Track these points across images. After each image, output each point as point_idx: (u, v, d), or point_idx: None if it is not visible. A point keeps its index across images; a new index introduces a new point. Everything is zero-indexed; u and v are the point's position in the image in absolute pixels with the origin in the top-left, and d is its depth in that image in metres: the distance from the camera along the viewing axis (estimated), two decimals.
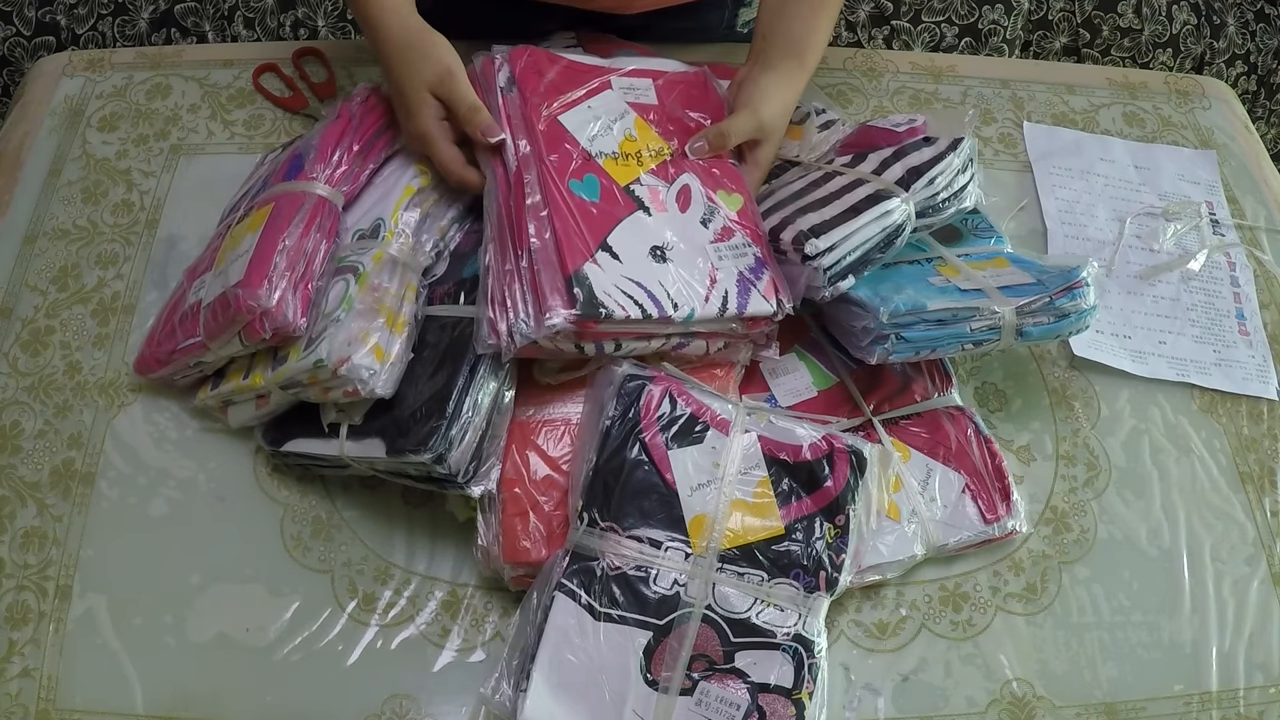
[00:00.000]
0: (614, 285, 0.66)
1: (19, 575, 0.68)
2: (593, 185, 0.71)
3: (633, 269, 0.67)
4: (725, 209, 0.73)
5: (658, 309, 0.66)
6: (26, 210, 0.85)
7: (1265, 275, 0.92)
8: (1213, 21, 1.14)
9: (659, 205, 0.72)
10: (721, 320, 0.69)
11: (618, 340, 0.68)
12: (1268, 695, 0.70)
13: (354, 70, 0.96)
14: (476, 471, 0.66)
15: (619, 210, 0.70)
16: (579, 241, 0.67)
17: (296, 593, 0.69)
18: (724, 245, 0.71)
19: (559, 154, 0.72)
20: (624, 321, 0.66)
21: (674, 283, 0.68)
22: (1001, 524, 0.72)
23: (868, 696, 0.68)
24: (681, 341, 0.70)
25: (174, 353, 0.71)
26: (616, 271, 0.67)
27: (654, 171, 0.74)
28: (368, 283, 0.68)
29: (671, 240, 0.70)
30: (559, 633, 0.62)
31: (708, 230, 0.71)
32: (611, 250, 0.68)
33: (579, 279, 0.65)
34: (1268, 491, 0.79)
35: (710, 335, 0.70)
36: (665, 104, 0.79)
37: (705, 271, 0.69)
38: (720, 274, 0.69)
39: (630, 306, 0.65)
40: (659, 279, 0.67)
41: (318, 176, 0.73)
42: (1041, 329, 0.72)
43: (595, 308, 0.64)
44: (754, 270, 0.70)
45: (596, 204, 0.70)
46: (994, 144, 0.98)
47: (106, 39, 1.29)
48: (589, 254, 0.67)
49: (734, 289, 0.69)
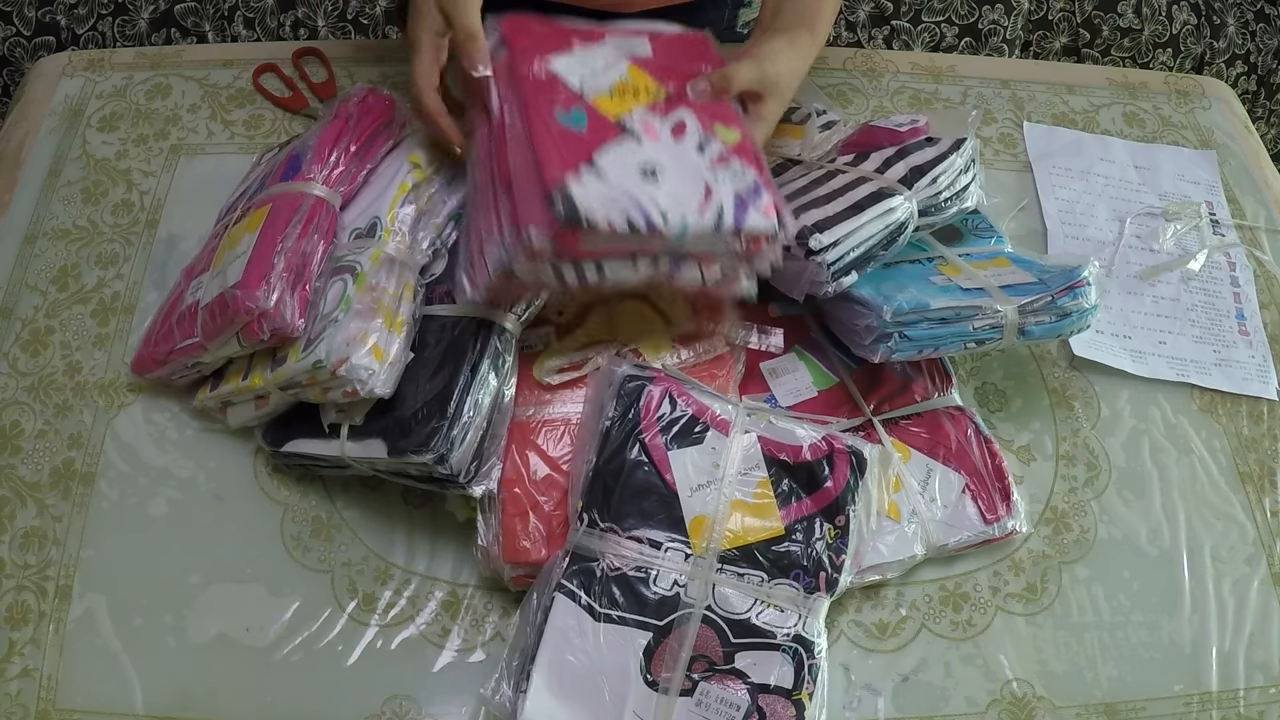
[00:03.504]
0: (598, 198, 0.60)
1: (19, 575, 0.68)
2: (580, 117, 0.65)
3: (620, 185, 0.61)
4: (722, 140, 0.67)
5: (646, 222, 0.60)
6: (26, 210, 0.85)
7: (1265, 275, 0.92)
8: (1213, 21, 1.14)
9: (651, 135, 0.65)
10: (717, 237, 0.63)
11: (600, 263, 0.63)
12: (1268, 695, 0.70)
13: (354, 70, 0.96)
14: (477, 471, 0.66)
15: (607, 135, 0.64)
16: (561, 158, 0.61)
17: (296, 593, 0.69)
18: (721, 168, 0.65)
19: (546, 93, 0.66)
20: (609, 235, 0.60)
21: (665, 198, 0.62)
22: (1001, 524, 0.72)
23: (868, 696, 0.68)
24: (673, 266, 0.64)
25: (171, 353, 0.71)
26: (602, 186, 0.61)
27: (647, 108, 0.67)
28: (365, 282, 0.68)
29: (664, 162, 0.64)
30: (559, 633, 0.62)
31: (703, 155, 0.65)
32: (597, 168, 0.62)
33: (560, 193, 0.59)
34: (1268, 491, 0.79)
35: (704, 258, 0.65)
36: (662, 57, 0.73)
37: (699, 188, 0.63)
38: (716, 190, 0.63)
39: (616, 217, 0.60)
40: (649, 194, 0.62)
41: (315, 177, 0.73)
42: (1043, 328, 0.72)
43: (577, 217, 0.59)
44: (752, 190, 0.64)
45: (583, 132, 0.64)
46: (994, 144, 0.98)
47: (106, 39, 1.29)
48: (572, 168, 0.61)
49: (730, 204, 0.63)
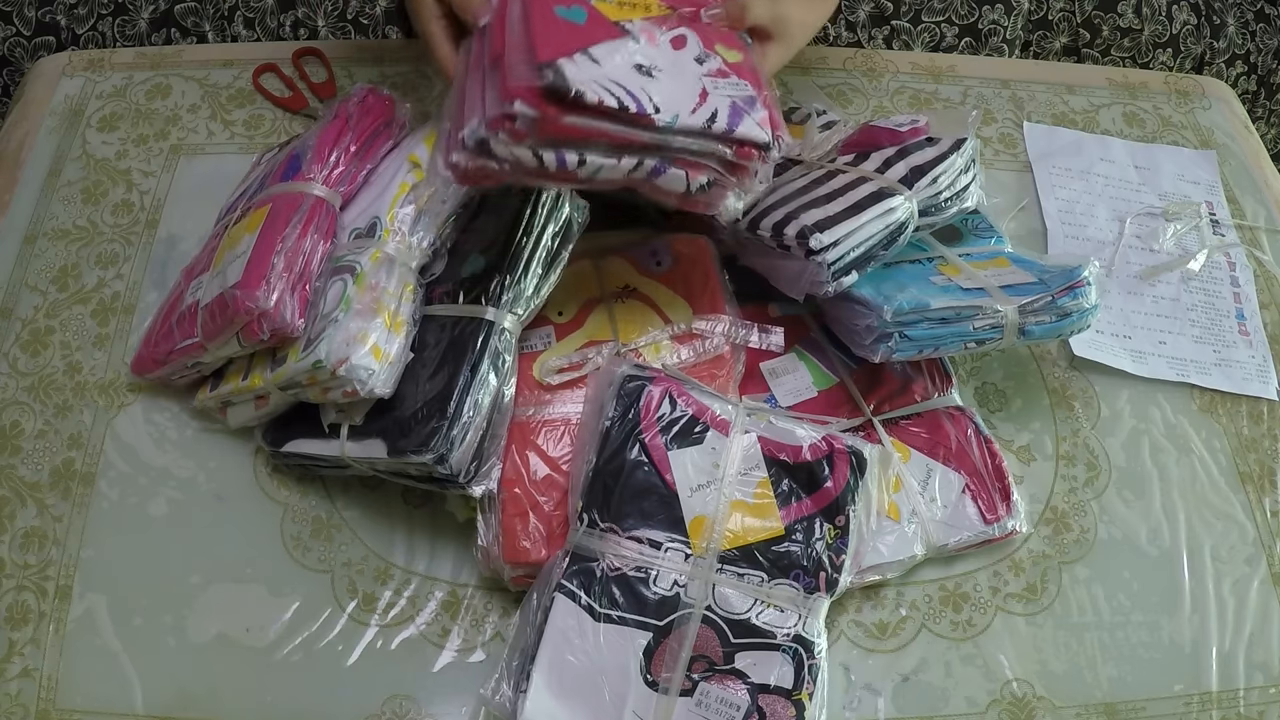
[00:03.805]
0: (590, 79, 0.58)
1: (19, 575, 0.68)
2: (579, 13, 0.63)
3: (614, 72, 0.59)
4: (723, 58, 0.65)
5: (637, 104, 0.58)
6: (26, 210, 0.85)
7: (1265, 275, 0.92)
8: (1213, 21, 1.14)
9: (651, 40, 0.63)
10: (707, 138, 0.61)
11: (582, 149, 0.60)
12: (1268, 695, 0.70)
13: (354, 70, 0.96)
14: (477, 471, 0.66)
15: (606, 33, 0.62)
16: (557, 43, 0.59)
17: (296, 593, 0.69)
18: (720, 79, 0.63)
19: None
20: (597, 112, 0.58)
21: (659, 92, 0.60)
22: (1001, 524, 0.72)
23: (868, 696, 0.68)
24: (658, 166, 0.62)
25: (171, 353, 0.71)
26: (595, 70, 0.59)
27: (649, 19, 0.65)
28: (365, 282, 0.68)
29: (661, 64, 0.62)
30: (559, 634, 0.62)
31: (702, 66, 0.64)
32: (592, 56, 0.60)
33: (551, 65, 0.57)
34: (1268, 491, 0.79)
35: (692, 165, 0.62)
36: None
37: (695, 89, 0.61)
38: (712, 95, 0.61)
39: (606, 95, 0.57)
40: (643, 85, 0.60)
41: (315, 177, 0.73)
42: (1044, 328, 0.72)
43: (565, 87, 0.56)
44: (749, 101, 0.62)
45: (581, 25, 0.62)
46: (994, 144, 0.98)
47: (106, 39, 1.28)
48: (567, 53, 0.59)
49: (725, 109, 0.61)
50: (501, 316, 0.68)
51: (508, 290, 0.69)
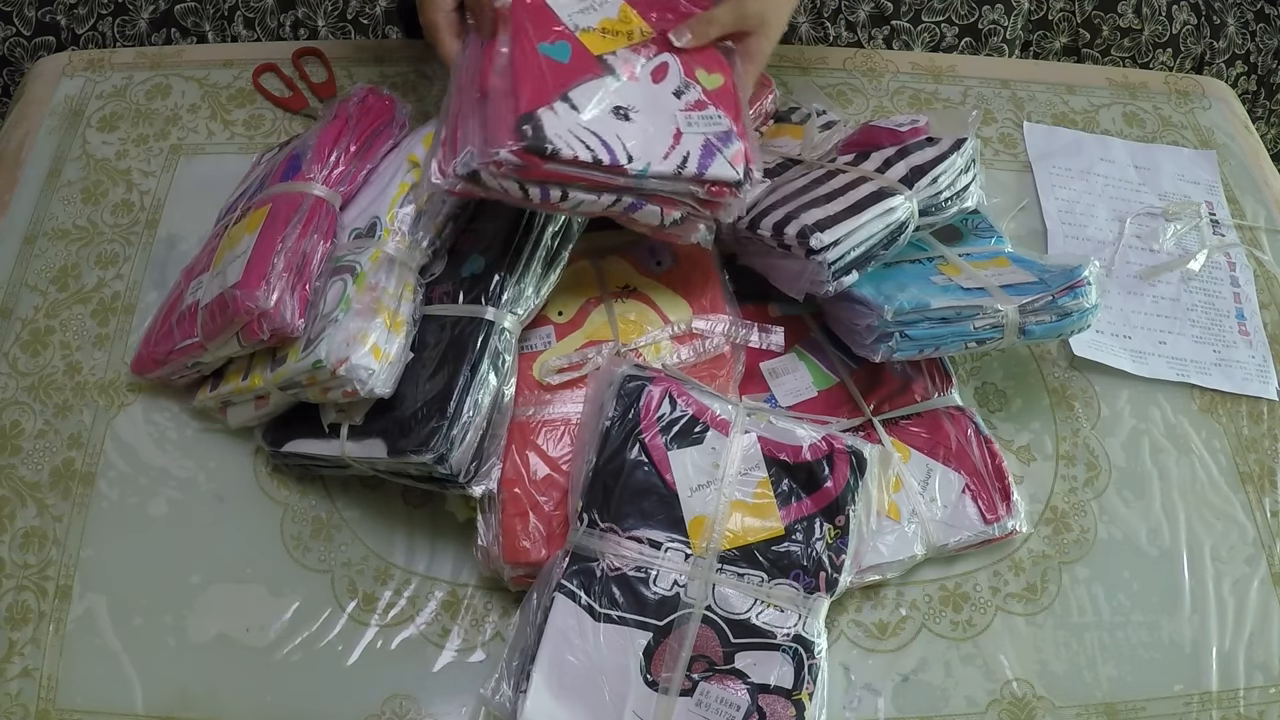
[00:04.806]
0: (567, 130, 0.62)
1: (19, 575, 0.68)
2: (564, 49, 0.67)
3: (591, 121, 0.64)
4: (703, 86, 0.68)
5: (610, 156, 0.62)
6: (26, 210, 0.85)
7: (1265, 275, 0.92)
8: (1213, 21, 1.14)
9: (630, 75, 0.67)
10: (679, 180, 0.64)
11: (564, 187, 0.64)
12: (1268, 695, 0.70)
13: (354, 70, 0.96)
14: (477, 471, 0.66)
15: (587, 71, 0.66)
16: (538, 87, 0.64)
17: (296, 593, 0.69)
18: (696, 114, 0.66)
19: (535, 23, 0.68)
20: (572, 163, 0.62)
21: (633, 138, 0.64)
22: (1001, 524, 0.72)
23: (868, 696, 0.68)
24: (634, 203, 0.65)
25: (171, 353, 0.71)
26: (573, 119, 0.63)
27: (631, 48, 0.69)
28: (365, 282, 0.68)
29: (638, 103, 0.65)
30: (559, 633, 0.62)
31: (679, 100, 0.67)
32: (571, 102, 0.64)
33: (531, 119, 0.62)
34: (1268, 491, 0.79)
35: (666, 201, 0.66)
36: None
37: (669, 132, 0.65)
38: (686, 136, 0.65)
39: (580, 150, 0.62)
40: (618, 132, 0.64)
41: (315, 177, 0.73)
42: (1044, 328, 0.72)
43: (542, 143, 0.61)
44: (723, 138, 0.65)
45: (564, 64, 0.66)
46: (994, 144, 0.98)
47: (106, 39, 1.28)
48: (547, 101, 0.63)
49: (697, 151, 0.64)
50: (501, 316, 0.68)
51: (508, 290, 0.69)
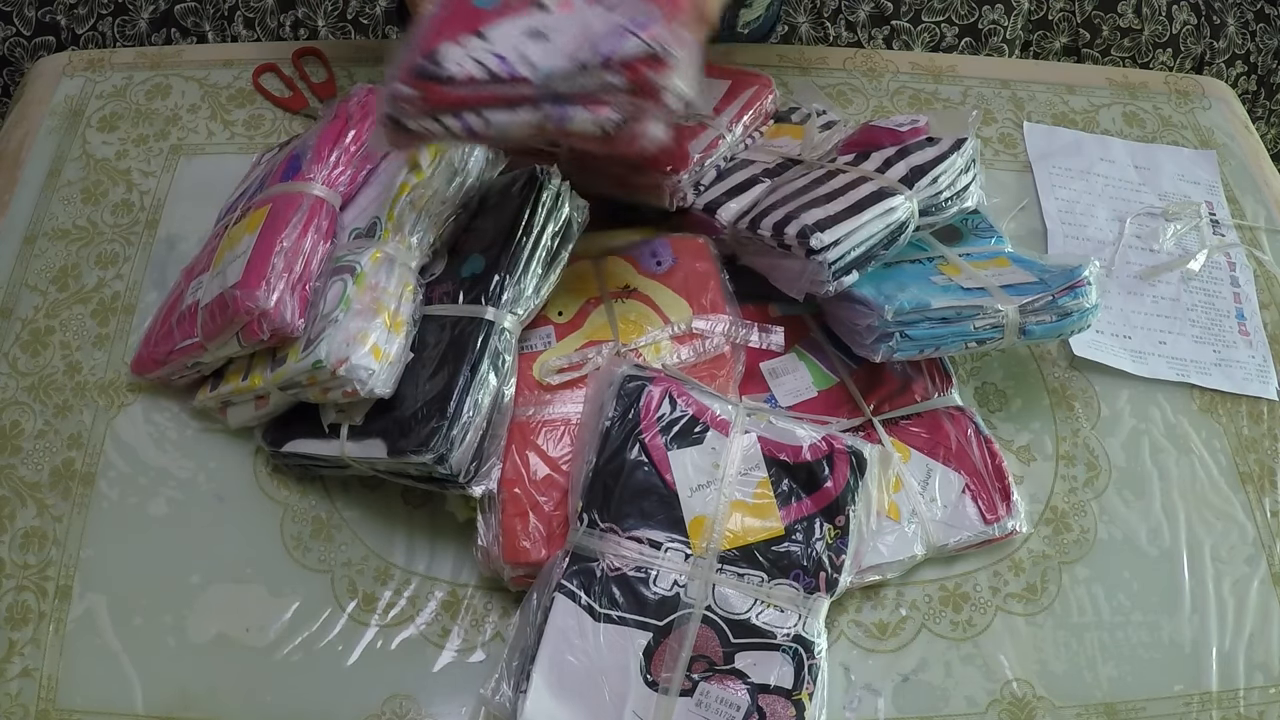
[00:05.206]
0: (466, 55, 0.61)
1: (19, 575, 0.68)
2: None
3: (494, 42, 0.62)
4: None
5: (507, 68, 0.60)
6: (26, 210, 0.85)
7: (1265, 275, 0.92)
8: (1213, 21, 1.14)
9: (565, 6, 0.63)
10: (586, 72, 0.59)
11: (478, 109, 0.61)
12: (1268, 695, 0.70)
13: (354, 70, 0.96)
14: (477, 471, 0.66)
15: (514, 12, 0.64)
16: (450, 29, 0.63)
17: (296, 593, 0.69)
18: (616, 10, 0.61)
19: None
20: (469, 83, 0.60)
21: (539, 52, 0.61)
22: (1001, 524, 0.72)
23: (868, 696, 0.68)
24: (556, 112, 0.61)
25: (171, 353, 0.71)
26: (475, 45, 0.62)
27: None
28: (365, 282, 0.68)
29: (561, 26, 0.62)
30: (559, 634, 0.62)
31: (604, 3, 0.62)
32: (482, 35, 0.62)
33: (432, 54, 0.61)
34: (1268, 491, 0.79)
35: (590, 101, 0.60)
36: None
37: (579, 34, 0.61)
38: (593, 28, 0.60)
39: (474, 68, 0.60)
40: (521, 49, 0.61)
41: (315, 177, 0.73)
42: (1044, 328, 0.72)
43: (439, 71, 0.60)
44: (639, 22, 0.59)
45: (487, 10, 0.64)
46: (994, 144, 0.98)
47: (106, 39, 1.28)
48: (453, 38, 0.62)
49: (604, 38, 0.59)
50: (501, 316, 0.68)
51: (508, 290, 0.69)
